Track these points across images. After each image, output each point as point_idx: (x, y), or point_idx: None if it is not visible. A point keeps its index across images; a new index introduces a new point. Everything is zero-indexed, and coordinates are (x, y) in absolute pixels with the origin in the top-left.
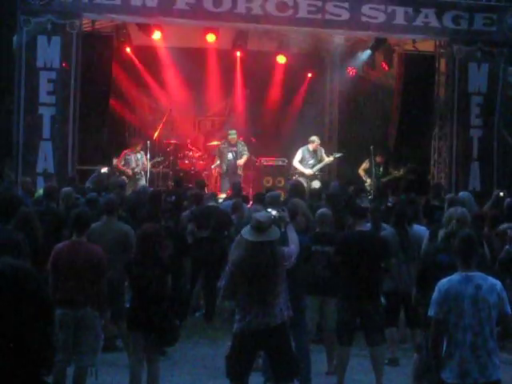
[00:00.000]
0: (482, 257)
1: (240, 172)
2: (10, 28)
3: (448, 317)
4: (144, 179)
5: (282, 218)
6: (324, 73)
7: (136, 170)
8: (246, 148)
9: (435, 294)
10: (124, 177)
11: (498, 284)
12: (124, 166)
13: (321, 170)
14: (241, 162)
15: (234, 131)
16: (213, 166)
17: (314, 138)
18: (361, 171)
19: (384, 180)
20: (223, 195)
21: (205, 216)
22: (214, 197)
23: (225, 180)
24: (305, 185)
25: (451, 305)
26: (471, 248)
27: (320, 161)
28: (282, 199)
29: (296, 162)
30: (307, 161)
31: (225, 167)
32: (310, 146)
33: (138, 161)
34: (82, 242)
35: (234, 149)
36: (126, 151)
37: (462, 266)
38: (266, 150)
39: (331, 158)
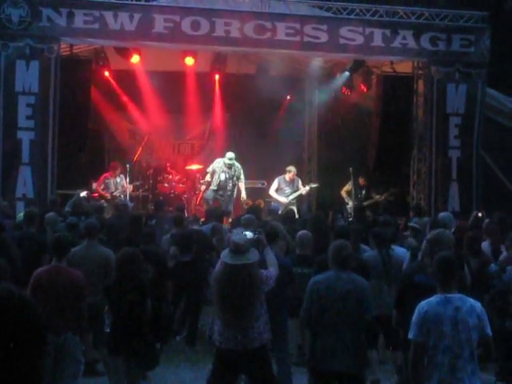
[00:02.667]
0: (462, 278)
1: (243, 196)
2: None
3: (427, 339)
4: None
5: (259, 241)
6: (303, 95)
7: (115, 193)
8: (242, 172)
9: (414, 317)
10: (103, 201)
11: (478, 305)
12: (103, 190)
13: (297, 198)
14: (243, 195)
15: (232, 156)
16: (202, 181)
17: (290, 168)
18: (343, 193)
19: (366, 204)
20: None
21: (187, 240)
22: (197, 220)
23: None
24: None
25: (430, 327)
26: (450, 270)
27: (296, 190)
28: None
29: (272, 191)
30: (283, 190)
31: (215, 187)
32: (287, 176)
33: (118, 184)
34: (62, 267)
35: (228, 170)
36: (105, 175)
37: (441, 287)
38: (246, 172)
39: (307, 188)
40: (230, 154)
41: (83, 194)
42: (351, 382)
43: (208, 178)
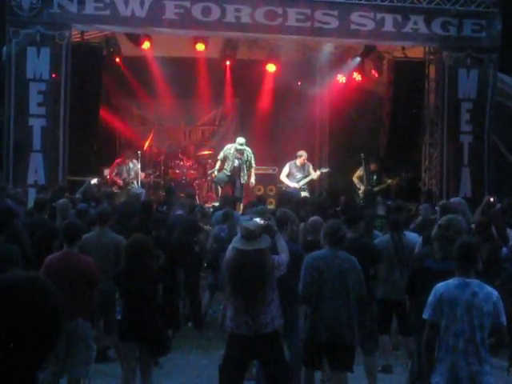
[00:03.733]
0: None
1: (252, 181)
2: None
3: (440, 320)
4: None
5: (270, 227)
6: (314, 81)
7: (127, 180)
8: (253, 157)
9: (431, 297)
10: (115, 187)
11: (495, 293)
12: (115, 176)
13: (307, 183)
14: (252, 180)
15: (243, 141)
16: (210, 171)
17: (301, 152)
18: (355, 178)
19: (377, 189)
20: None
21: (171, 226)
22: (183, 205)
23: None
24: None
25: (444, 308)
26: (471, 255)
27: (307, 175)
28: (269, 210)
29: (283, 177)
30: (294, 175)
31: (228, 172)
32: (298, 161)
33: (130, 170)
34: (74, 253)
35: (241, 156)
36: (117, 161)
37: (460, 272)
38: (257, 158)
39: (318, 173)
40: (241, 139)
41: (94, 180)
42: (344, 353)
43: (218, 165)
